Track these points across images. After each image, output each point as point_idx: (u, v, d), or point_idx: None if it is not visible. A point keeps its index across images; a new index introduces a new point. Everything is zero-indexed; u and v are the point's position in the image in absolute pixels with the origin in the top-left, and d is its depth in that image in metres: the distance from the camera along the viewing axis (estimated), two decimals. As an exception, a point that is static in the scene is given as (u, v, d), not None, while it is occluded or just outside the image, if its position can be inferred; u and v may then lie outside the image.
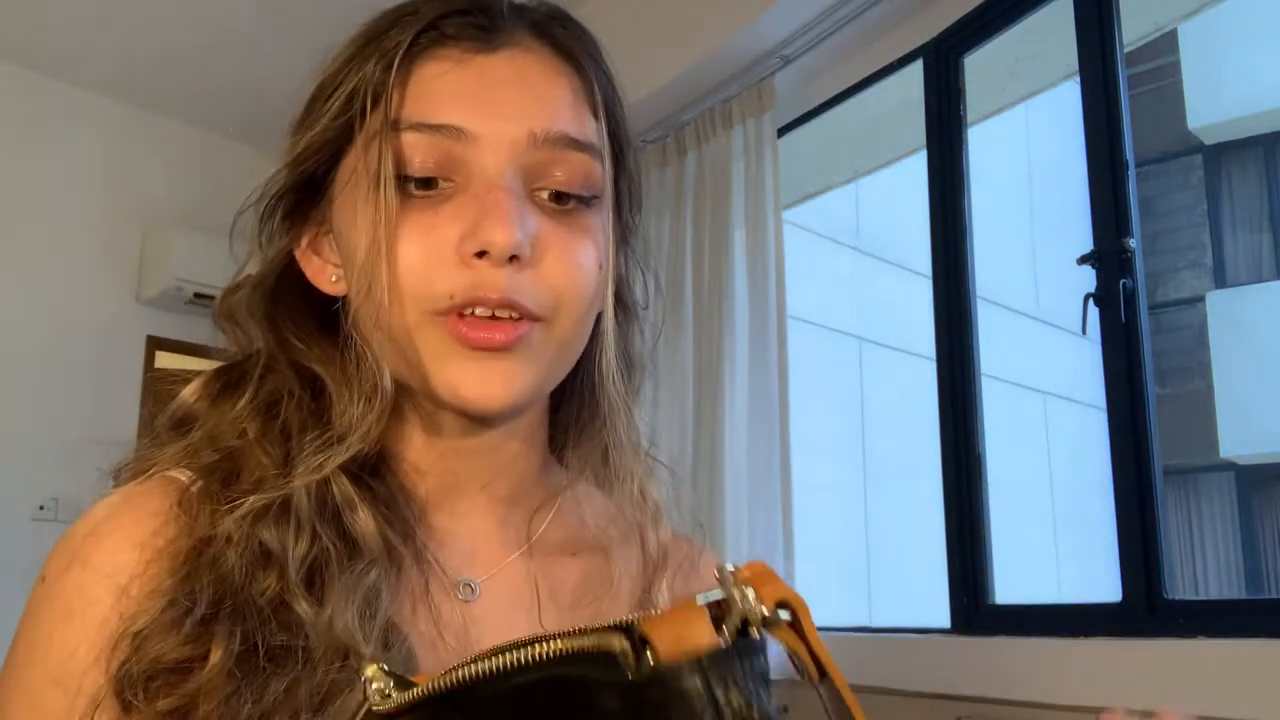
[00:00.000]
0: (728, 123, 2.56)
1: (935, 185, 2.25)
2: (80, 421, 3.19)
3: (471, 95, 0.53)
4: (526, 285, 0.52)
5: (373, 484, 0.55)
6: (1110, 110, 1.88)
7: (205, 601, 0.48)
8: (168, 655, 0.47)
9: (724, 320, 2.43)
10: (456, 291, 0.51)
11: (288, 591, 0.49)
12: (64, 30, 3.03)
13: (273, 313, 0.59)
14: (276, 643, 0.48)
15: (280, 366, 0.58)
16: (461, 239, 0.51)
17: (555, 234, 0.53)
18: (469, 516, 0.59)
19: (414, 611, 0.54)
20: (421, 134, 0.52)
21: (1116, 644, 1.66)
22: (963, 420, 2.12)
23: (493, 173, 0.52)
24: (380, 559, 0.52)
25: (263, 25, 2.90)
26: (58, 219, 3.26)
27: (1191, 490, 7.44)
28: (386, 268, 0.52)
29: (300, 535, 0.50)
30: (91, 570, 0.51)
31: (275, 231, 0.58)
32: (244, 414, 0.56)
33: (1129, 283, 1.81)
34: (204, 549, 0.50)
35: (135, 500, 0.54)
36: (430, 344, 0.52)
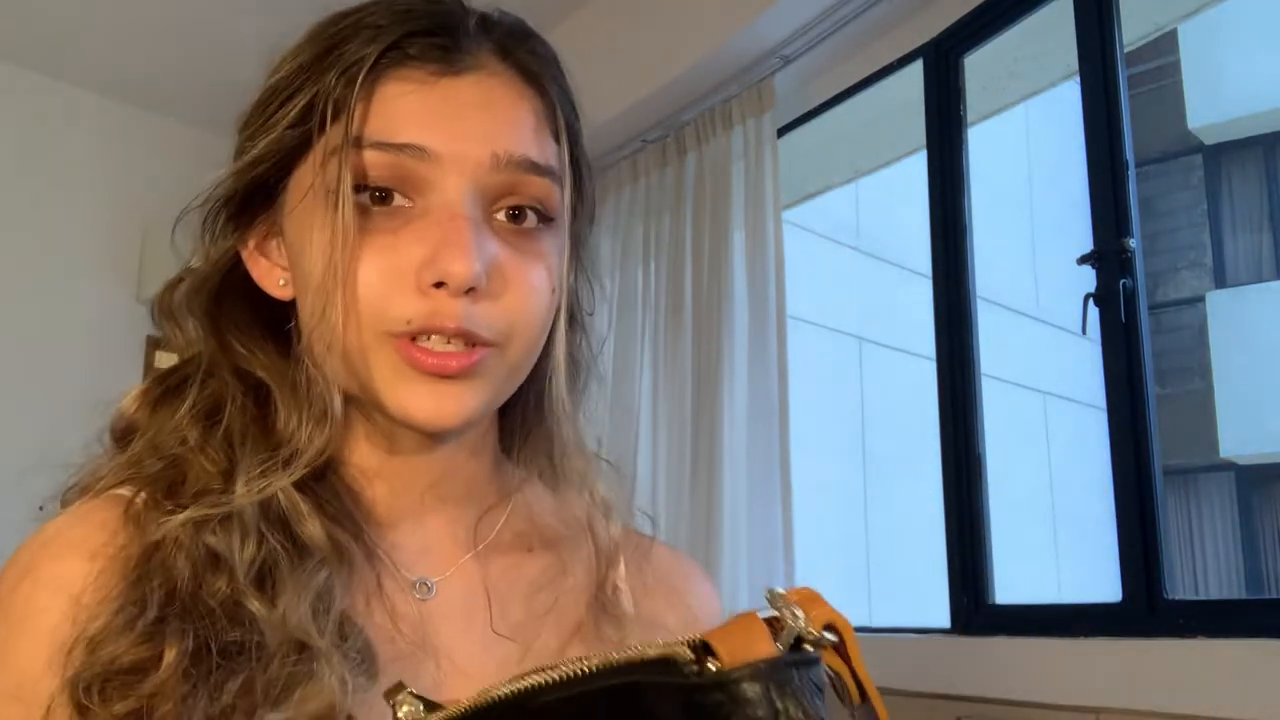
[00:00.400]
0: (728, 123, 2.56)
1: (935, 185, 2.25)
2: (80, 422, 3.19)
3: (435, 117, 0.53)
4: (481, 315, 0.52)
5: (318, 488, 0.56)
6: (1110, 110, 1.88)
7: (156, 604, 0.48)
8: (122, 657, 0.47)
9: (724, 320, 2.43)
10: (414, 318, 0.52)
11: (238, 592, 0.49)
12: (64, 30, 3.03)
13: (215, 313, 0.59)
14: (230, 639, 0.48)
15: (222, 371, 0.58)
16: (421, 266, 0.51)
17: (511, 261, 0.54)
18: (418, 517, 0.60)
19: (368, 605, 0.54)
20: (383, 153, 0.52)
21: (1116, 644, 1.66)
22: (963, 420, 2.12)
23: (453, 198, 0.52)
24: (330, 559, 0.52)
25: (263, 25, 2.90)
26: (58, 219, 3.26)
27: (1191, 490, 7.44)
28: (343, 291, 0.52)
29: (246, 540, 0.51)
30: (42, 583, 0.51)
31: (220, 231, 0.58)
32: (184, 421, 0.57)
33: (1129, 283, 1.81)
34: (152, 554, 0.50)
35: (84, 515, 0.54)
36: (382, 365, 0.53)
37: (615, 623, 0.60)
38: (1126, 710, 1.60)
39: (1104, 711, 1.62)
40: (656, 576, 0.65)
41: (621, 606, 0.61)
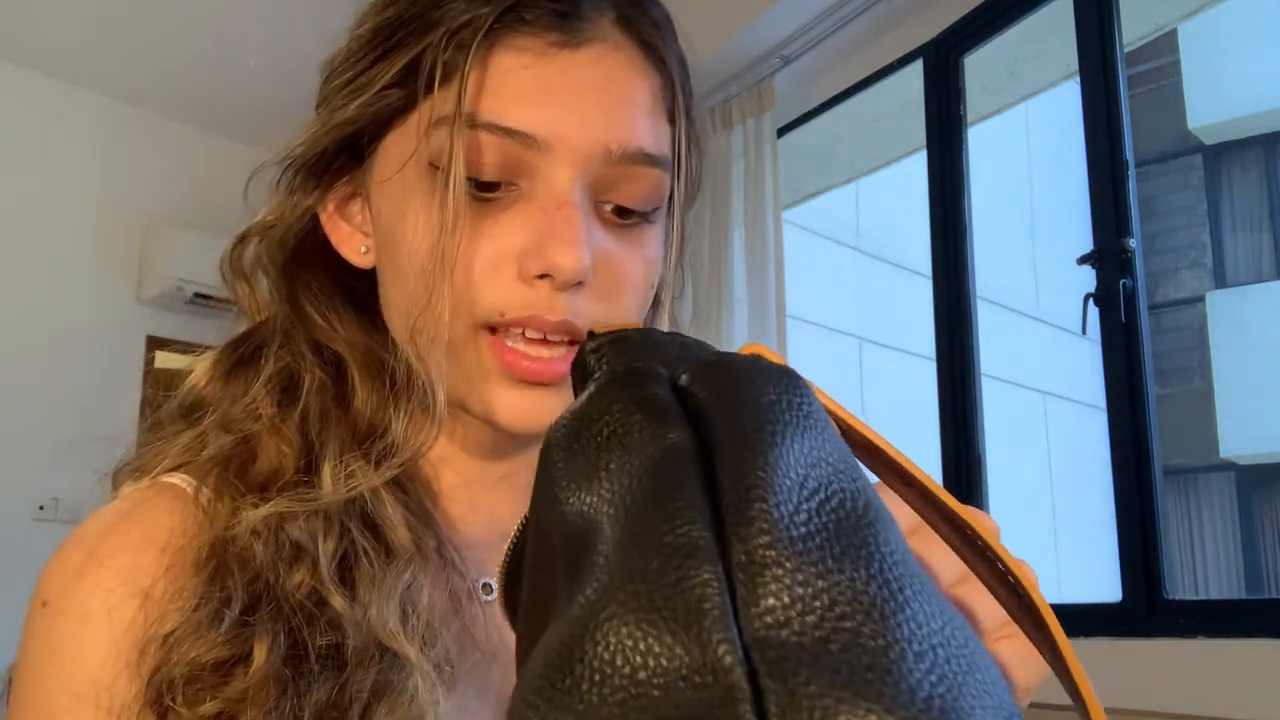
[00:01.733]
0: (728, 123, 2.56)
1: (935, 185, 2.25)
2: (80, 422, 3.19)
3: (551, 98, 0.48)
4: (584, 310, 0.49)
5: (399, 480, 0.52)
6: (1110, 110, 1.88)
7: (240, 598, 0.45)
8: (207, 656, 0.44)
9: (724, 320, 2.43)
10: (509, 309, 0.48)
11: (321, 587, 0.46)
12: (64, 30, 3.03)
13: (291, 275, 0.54)
14: (323, 642, 0.45)
15: (298, 341, 0.53)
16: (524, 254, 0.48)
17: (616, 253, 0.50)
18: (487, 508, 0.56)
19: (443, 609, 0.51)
20: (494, 135, 0.47)
21: (1116, 644, 1.66)
22: (963, 420, 2.12)
23: (562, 187, 0.48)
24: (415, 561, 0.49)
25: (263, 25, 2.90)
26: (58, 219, 3.26)
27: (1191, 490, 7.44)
28: (451, 281, 0.47)
29: (329, 531, 0.48)
30: (109, 571, 0.47)
31: (300, 188, 0.53)
32: (259, 394, 0.52)
33: (1129, 283, 1.81)
34: (229, 544, 0.47)
35: (146, 502, 0.50)
36: (469, 360, 0.49)
37: None
38: (1126, 710, 1.60)
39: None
40: None
41: None
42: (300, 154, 0.52)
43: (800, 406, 0.23)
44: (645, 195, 0.51)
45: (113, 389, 3.30)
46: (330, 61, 0.53)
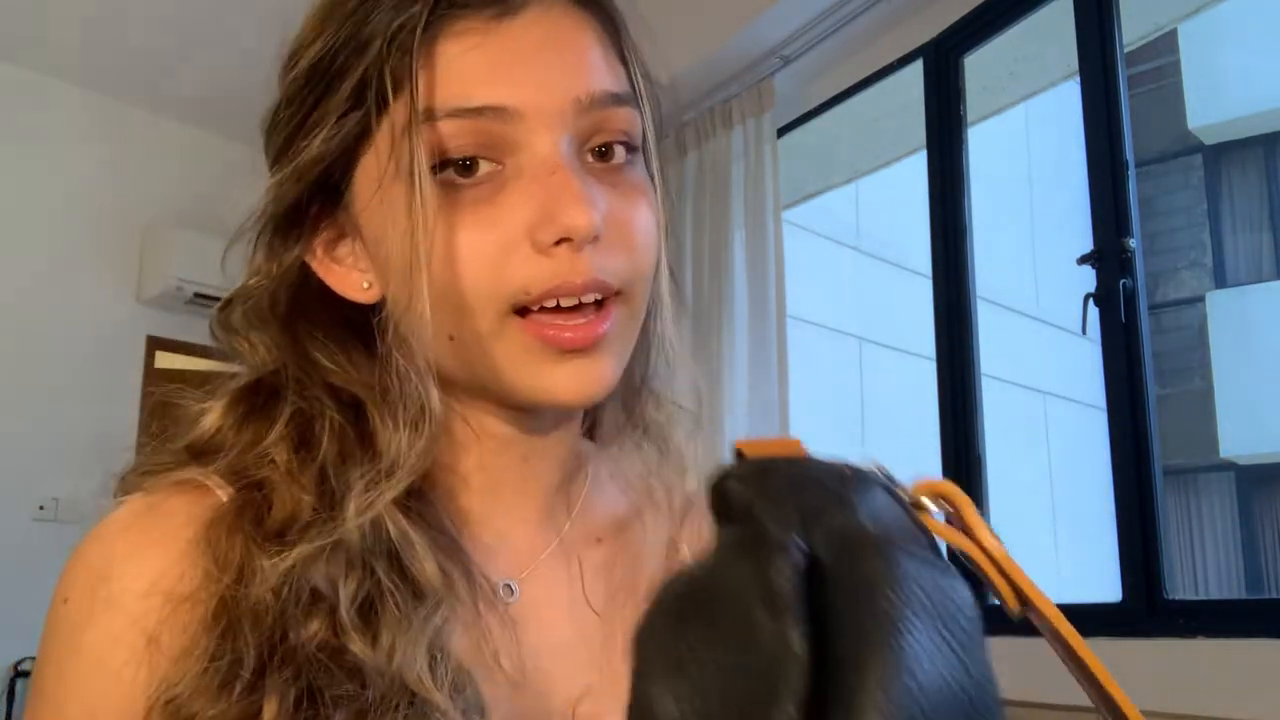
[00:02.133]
0: (728, 123, 2.56)
1: (935, 185, 2.25)
2: (80, 421, 3.19)
3: (506, 69, 0.48)
4: (609, 263, 0.48)
5: (420, 505, 0.51)
6: (1110, 110, 1.88)
7: (252, 657, 0.43)
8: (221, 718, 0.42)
9: (724, 320, 2.43)
10: (534, 284, 0.47)
11: (341, 633, 0.45)
12: (64, 30, 3.03)
13: (293, 329, 0.53)
14: (339, 692, 0.43)
15: (312, 387, 0.52)
16: (534, 227, 0.47)
17: (617, 203, 0.49)
18: (513, 512, 0.55)
19: (464, 632, 0.50)
20: (461, 120, 0.47)
21: (1116, 644, 1.66)
22: (963, 420, 2.12)
23: (549, 151, 0.48)
24: (444, 599, 0.48)
25: (264, 25, 2.90)
26: (58, 219, 3.26)
27: (1191, 490, 7.44)
28: (429, 275, 0.47)
29: (350, 573, 0.46)
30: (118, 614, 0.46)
31: (280, 246, 0.52)
32: (274, 442, 0.51)
33: (1129, 283, 1.81)
34: (241, 597, 0.45)
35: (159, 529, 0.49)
36: (511, 349, 0.48)
37: None
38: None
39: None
40: None
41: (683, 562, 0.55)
42: (272, 211, 0.51)
43: (940, 610, 0.21)
44: (623, 135, 0.51)
45: (113, 389, 3.30)
46: (270, 115, 0.53)
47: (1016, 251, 6.37)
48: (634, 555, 0.57)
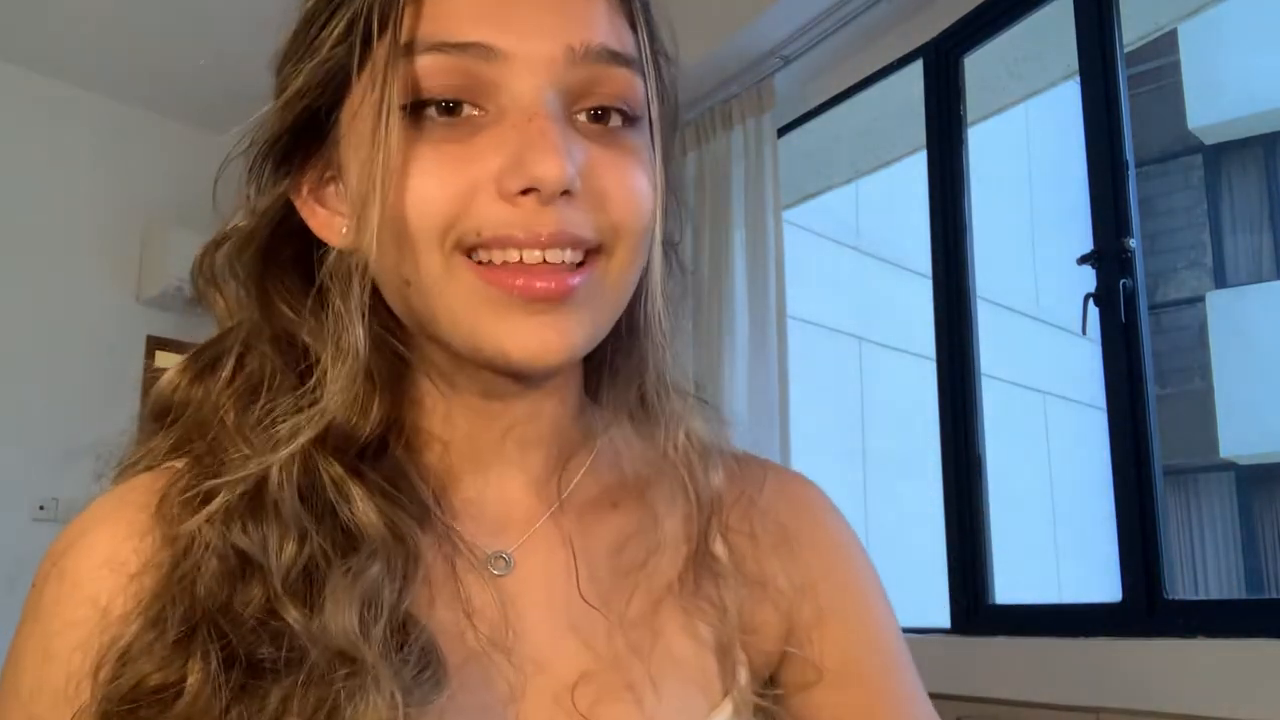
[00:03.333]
0: (728, 123, 2.56)
1: (935, 185, 2.25)
2: (80, 421, 3.18)
3: (498, 10, 0.46)
4: (580, 214, 0.46)
5: (378, 465, 0.49)
6: (1110, 110, 1.88)
7: (177, 620, 0.43)
8: (150, 677, 0.42)
9: (724, 320, 2.43)
10: (485, 227, 0.45)
11: (275, 600, 0.44)
12: (64, 30, 3.03)
13: (261, 274, 0.51)
14: (263, 656, 0.43)
15: (263, 340, 0.50)
16: (501, 174, 0.45)
17: (605, 158, 0.47)
18: (500, 481, 0.53)
19: (434, 601, 0.48)
20: (443, 55, 0.45)
21: (1116, 644, 1.66)
22: (963, 420, 2.12)
23: (531, 98, 0.45)
24: (385, 549, 0.46)
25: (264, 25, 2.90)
26: (58, 219, 3.26)
27: (1191, 490, 7.44)
28: (380, 204, 0.44)
29: (286, 535, 0.45)
30: (69, 588, 0.47)
31: (269, 179, 0.50)
32: (223, 397, 0.50)
33: (1129, 283, 1.81)
34: (181, 560, 0.45)
35: (116, 509, 0.49)
36: (461, 293, 0.46)
37: (715, 580, 0.53)
38: (1126, 710, 1.60)
39: (1104, 711, 1.62)
40: (764, 523, 0.56)
41: (722, 562, 0.54)
42: (265, 136, 0.50)
43: None
44: (621, 97, 0.48)
45: (113, 389, 3.29)
46: (276, 52, 0.52)
47: (1016, 251, 6.37)
48: (647, 538, 0.54)
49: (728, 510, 0.56)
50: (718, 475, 0.55)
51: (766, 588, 0.55)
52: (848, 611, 0.57)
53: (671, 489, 0.55)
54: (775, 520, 0.57)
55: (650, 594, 0.53)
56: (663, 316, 0.52)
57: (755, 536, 0.56)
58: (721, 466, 0.56)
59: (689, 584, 0.53)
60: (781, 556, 0.56)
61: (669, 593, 0.53)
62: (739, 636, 0.53)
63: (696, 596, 0.53)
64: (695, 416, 0.56)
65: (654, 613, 0.52)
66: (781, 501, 0.59)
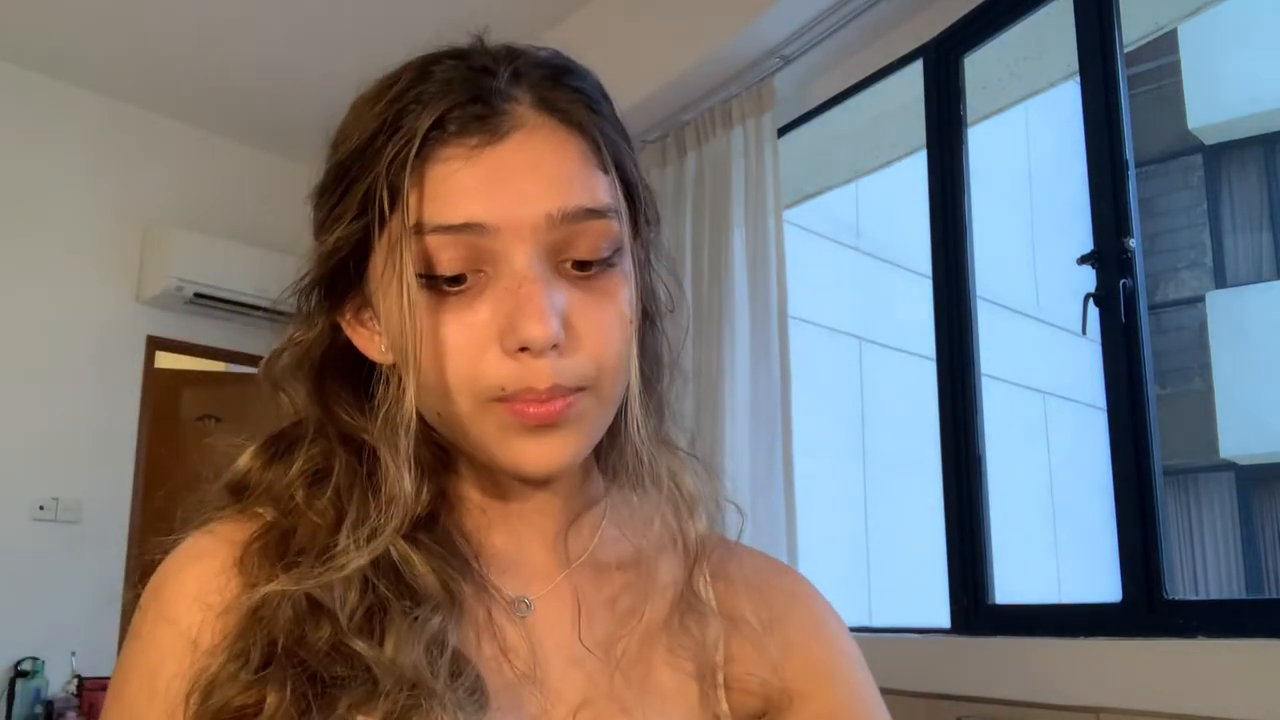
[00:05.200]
0: (728, 123, 2.56)
1: (935, 185, 2.25)
2: (80, 421, 3.19)
3: (486, 189, 0.54)
4: (567, 367, 0.55)
5: (431, 529, 0.59)
6: (1110, 110, 1.88)
7: (258, 653, 0.52)
8: (232, 701, 0.51)
9: (724, 320, 2.43)
10: (507, 383, 0.54)
11: (343, 635, 0.53)
12: (64, 30, 3.03)
13: (320, 382, 0.62)
14: (336, 674, 0.51)
15: (328, 436, 0.61)
16: (501, 334, 0.54)
17: (585, 305, 0.56)
18: (524, 540, 0.63)
19: (478, 641, 0.58)
20: (445, 235, 0.54)
21: (1116, 644, 1.66)
22: (963, 420, 2.12)
23: (520, 264, 0.54)
24: (443, 604, 0.56)
25: (264, 25, 2.90)
26: (58, 219, 3.26)
27: (1191, 490, 7.44)
28: (414, 372, 0.55)
29: (349, 588, 0.54)
30: (165, 622, 0.56)
31: (316, 308, 0.61)
32: (294, 480, 0.60)
33: (1129, 283, 1.81)
34: (260, 605, 0.54)
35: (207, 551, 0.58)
36: (490, 427, 0.56)
37: (699, 617, 0.63)
38: (1126, 710, 1.60)
39: (1104, 711, 1.62)
40: (743, 576, 0.67)
41: (703, 600, 0.64)
42: (312, 275, 0.60)
43: None
44: (598, 245, 0.57)
45: (113, 389, 3.30)
46: (315, 192, 0.61)
47: (1016, 251, 6.37)
48: (641, 591, 0.63)
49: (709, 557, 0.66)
50: (702, 523, 0.65)
51: (738, 622, 0.64)
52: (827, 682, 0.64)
53: (663, 542, 0.65)
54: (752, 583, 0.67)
55: (643, 636, 0.62)
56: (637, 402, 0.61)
57: (731, 581, 0.66)
58: (705, 514, 0.65)
59: (675, 622, 0.63)
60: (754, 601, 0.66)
61: (659, 631, 0.63)
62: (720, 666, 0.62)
63: (681, 633, 0.63)
64: (683, 470, 0.66)
65: (645, 651, 0.62)
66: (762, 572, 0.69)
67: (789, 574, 0.71)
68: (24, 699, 2.89)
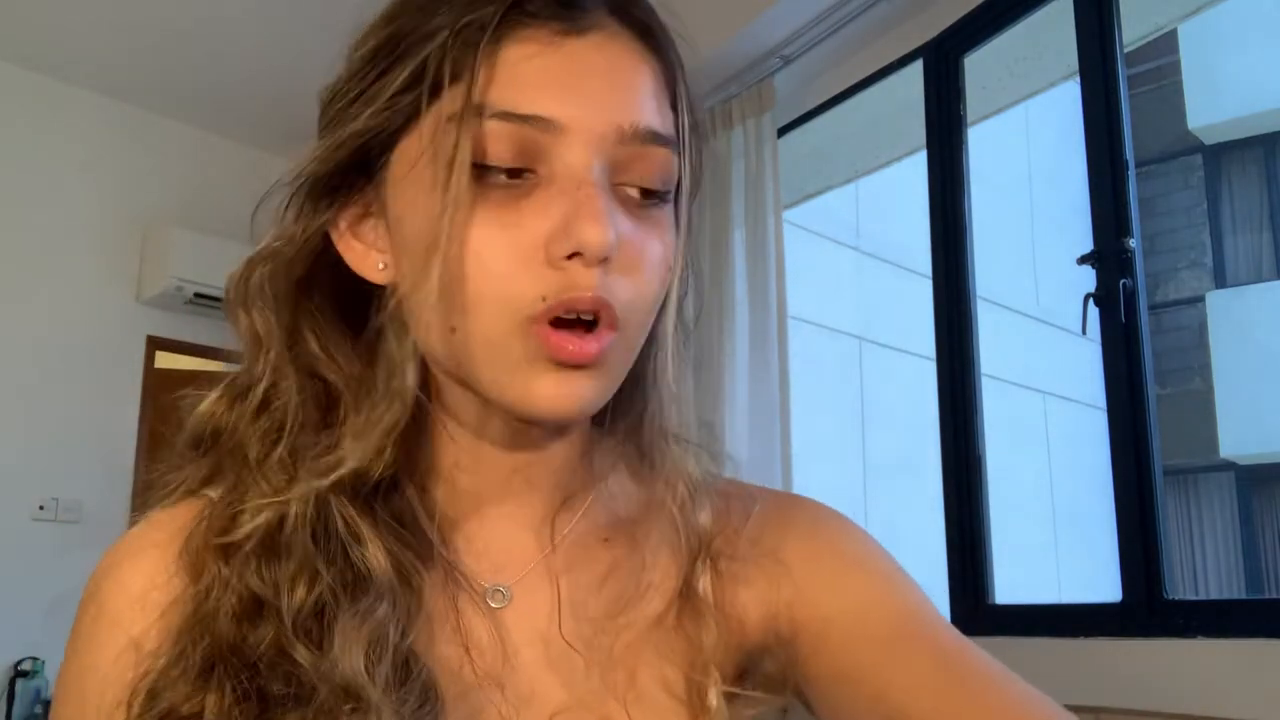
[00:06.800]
0: (728, 123, 2.56)
1: (935, 185, 2.25)
2: (80, 421, 3.19)
3: (561, 83, 0.49)
4: (616, 287, 0.49)
5: (388, 502, 0.52)
6: (1110, 110, 1.88)
7: (198, 656, 0.47)
8: (180, 707, 0.46)
9: (724, 320, 2.43)
10: (549, 293, 0.48)
11: (285, 641, 0.47)
12: (64, 30, 3.03)
13: (295, 302, 0.54)
14: (275, 691, 0.46)
15: (288, 377, 0.53)
16: (551, 239, 0.48)
17: (636, 234, 0.51)
18: (502, 520, 0.56)
19: (434, 638, 0.51)
20: (507, 123, 0.48)
21: (1116, 644, 1.66)
22: (963, 420, 2.12)
23: (581, 168, 0.49)
24: (392, 591, 0.49)
25: (264, 25, 2.90)
26: (58, 219, 3.26)
27: (1191, 490, 7.44)
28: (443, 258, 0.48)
29: (299, 577, 0.48)
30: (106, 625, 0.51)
31: (309, 209, 0.53)
32: (249, 434, 0.53)
33: (1129, 283, 1.81)
34: (204, 599, 0.49)
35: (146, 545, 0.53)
36: (513, 353, 0.49)
37: (696, 618, 0.55)
38: (1126, 710, 1.60)
39: (1104, 711, 1.62)
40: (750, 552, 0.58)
41: (704, 600, 0.56)
42: (312, 171, 0.52)
43: None
44: (658, 174, 0.52)
45: (113, 389, 3.30)
46: (330, 86, 0.54)
47: (1016, 251, 6.37)
48: (633, 584, 0.56)
49: (714, 545, 0.57)
50: (706, 515, 0.57)
51: (736, 622, 0.57)
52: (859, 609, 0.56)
53: (661, 530, 0.57)
54: (763, 546, 0.59)
55: (633, 632, 0.55)
56: (671, 377, 0.55)
57: (737, 568, 0.58)
58: (710, 505, 0.58)
59: (669, 622, 0.56)
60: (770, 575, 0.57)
61: (651, 630, 0.55)
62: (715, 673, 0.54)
63: (675, 634, 0.55)
64: (690, 460, 0.58)
65: (634, 651, 0.55)
66: (771, 526, 0.60)
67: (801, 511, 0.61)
68: (24, 699, 2.89)
